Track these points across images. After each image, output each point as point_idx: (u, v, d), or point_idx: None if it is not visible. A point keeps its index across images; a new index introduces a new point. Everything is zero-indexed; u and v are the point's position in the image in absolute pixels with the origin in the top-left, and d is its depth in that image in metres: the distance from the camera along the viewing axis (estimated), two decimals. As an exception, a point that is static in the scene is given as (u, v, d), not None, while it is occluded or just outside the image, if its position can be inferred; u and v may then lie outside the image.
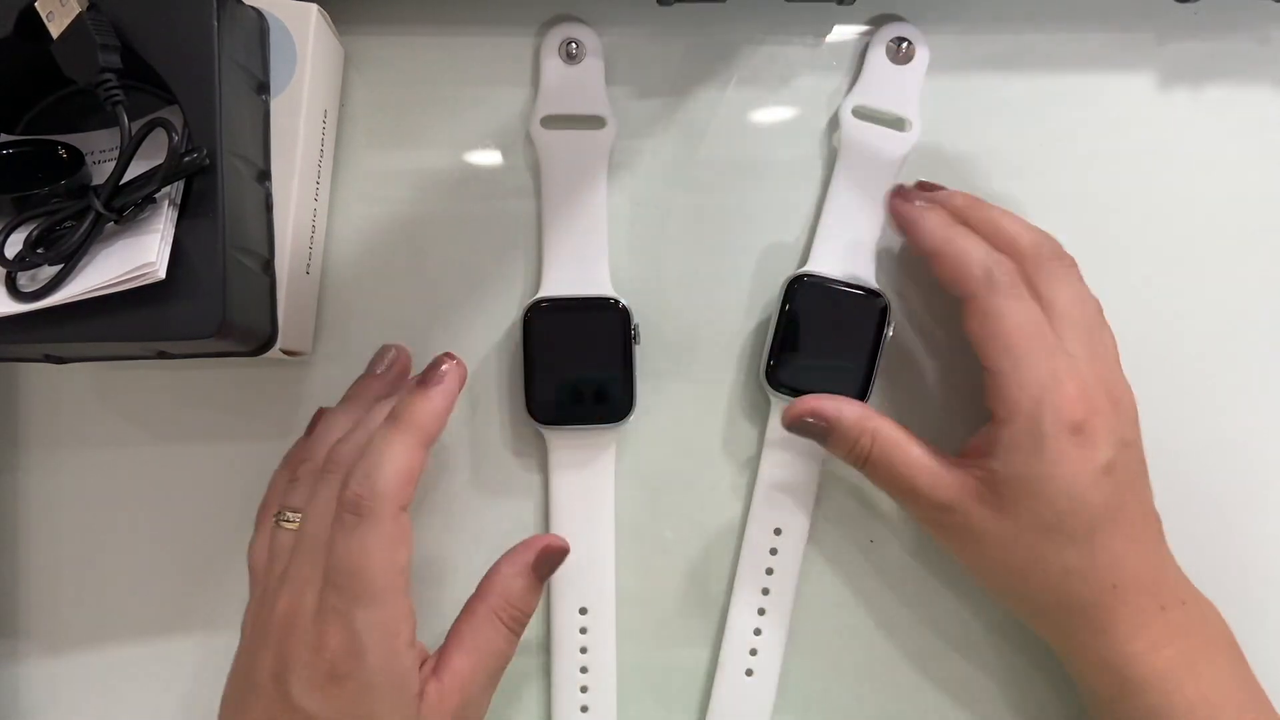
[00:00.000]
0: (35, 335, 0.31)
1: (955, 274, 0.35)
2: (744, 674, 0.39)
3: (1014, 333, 0.33)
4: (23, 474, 0.40)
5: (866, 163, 0.39)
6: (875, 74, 0.40)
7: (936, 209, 0.36)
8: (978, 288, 0.34)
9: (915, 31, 0.40)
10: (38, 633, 0.40)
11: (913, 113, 0.40)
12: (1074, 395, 0.33)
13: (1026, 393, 0.33)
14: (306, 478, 0.35)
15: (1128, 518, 0.34)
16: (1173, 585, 0.35)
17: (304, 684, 0.31)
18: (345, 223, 0.40)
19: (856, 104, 0.40)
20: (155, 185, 0.31)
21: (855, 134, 0.40)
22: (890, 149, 0.39)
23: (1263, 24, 0.42)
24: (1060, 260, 0.35)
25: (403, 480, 0.32)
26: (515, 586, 0.34)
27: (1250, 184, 0.41)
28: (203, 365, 0.39)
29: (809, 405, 0.36)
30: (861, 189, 0.39)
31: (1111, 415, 0.33)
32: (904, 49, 0.40)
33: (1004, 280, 0.34)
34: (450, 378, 0.34)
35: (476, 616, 0.34)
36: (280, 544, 0.34)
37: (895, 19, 0.40)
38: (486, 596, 0.34)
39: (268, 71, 0.36)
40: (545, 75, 0.40)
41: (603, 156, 0.40)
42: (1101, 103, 0.41)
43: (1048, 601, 0.35)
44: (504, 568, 0.35)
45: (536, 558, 0.35)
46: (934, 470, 0.35)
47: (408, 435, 0.32)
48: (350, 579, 0.31)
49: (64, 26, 0.31)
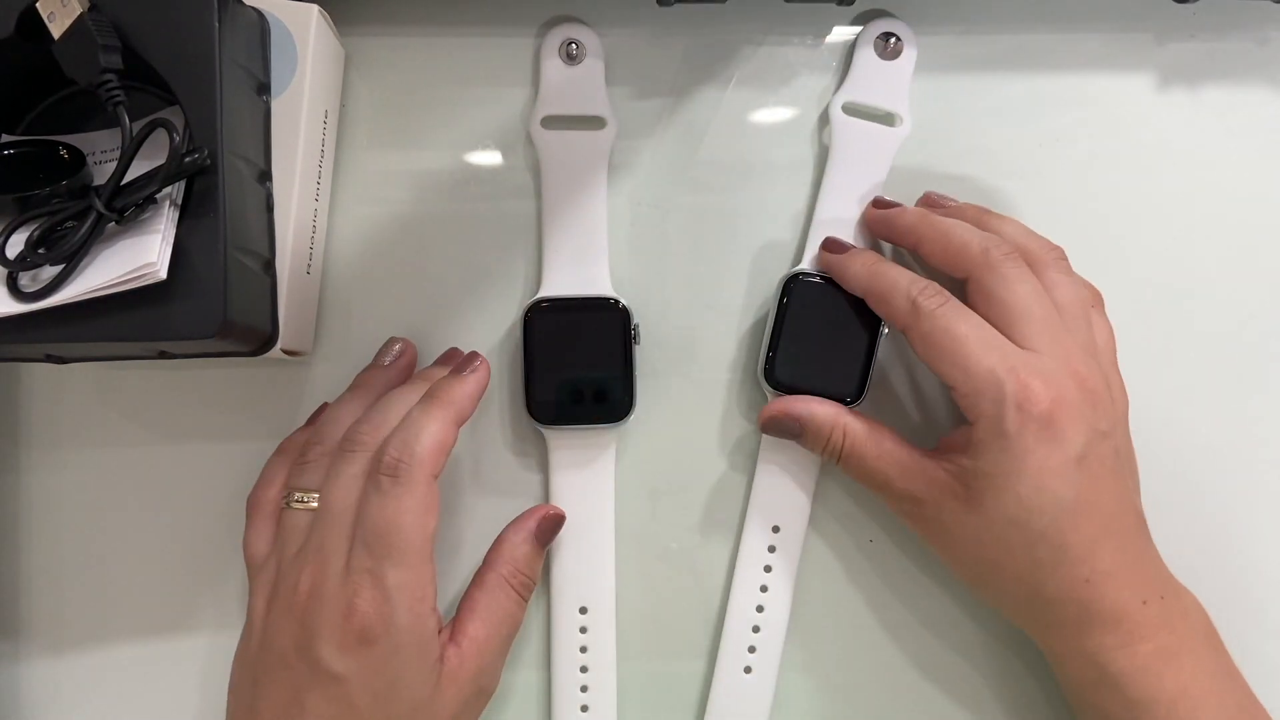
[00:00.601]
0: (36, 335, 0.31)
1: (885, 310, 0.36)
2: (743, 671, 0.39)
3: (951, 346, 0.34)
4: (24, 474, 0.40)
5: (857, 159, 0.40)
6: (864, 70, 0.40)
7: (858, 254, 0.37)
8: (907, 318, 0.35)
9: (903, 26, 0.40)
10: (38, 633, 0.40)
11: (903, 108, 0.40)
12: (1036, 389, 0.33)
13: (983, 396, 0.33)
14: (319, 460, 0.35)
15: (1101, 510, 0.33)
16: (1152, 578, 0.35)
17: (333, 647, 0.32)
18: (346, 223, 0.40)
19: (846, 100, 0.40)
20: (156, 186, 0.31)
21: (845, 130, 0.40)
22: (881, 144, 0.40)
23: (1262, 24, 0.42)
24: (1013, 259, 0.35)
25: (438, 449, 0.33)
26: (521, 553, 0.36)
27: (1248, 184, 0.41)
28: (203, 365, 0.40)
29: (781, 406, 0.37)
30: (853, 185, 0.39)
31: (1083, 406, 0.33)
32: (892, 44, 0.40)
33: (929, 304, 0.34)
34: (483, 370, 0.36)
35: (488, 584, 0.36)
36: (293, 525, 0.34)
37: (884, 14, 0.40)
38: (495, 565, 0.36)
39: (268, 72, 0.36)
40: (545, 76, 0.40)
41: (603, 156, 0.40)
42: (1100, 103, 0.41)
43: (1021, 594, 0.35)
44: (509, 536, 0.37)
45: (538, 525, 0.37)
46: (905, 464, 0.36)
47: (444, 410, 0.34)
48: (383, 540, 0.32)
49: (65, 27, 0.31)
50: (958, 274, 0.36)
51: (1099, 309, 0.38)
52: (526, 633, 0.39)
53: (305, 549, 0.33)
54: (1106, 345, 0.37)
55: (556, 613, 0.39)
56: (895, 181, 0.40)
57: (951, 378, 0.34)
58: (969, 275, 0.35)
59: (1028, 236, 0.37)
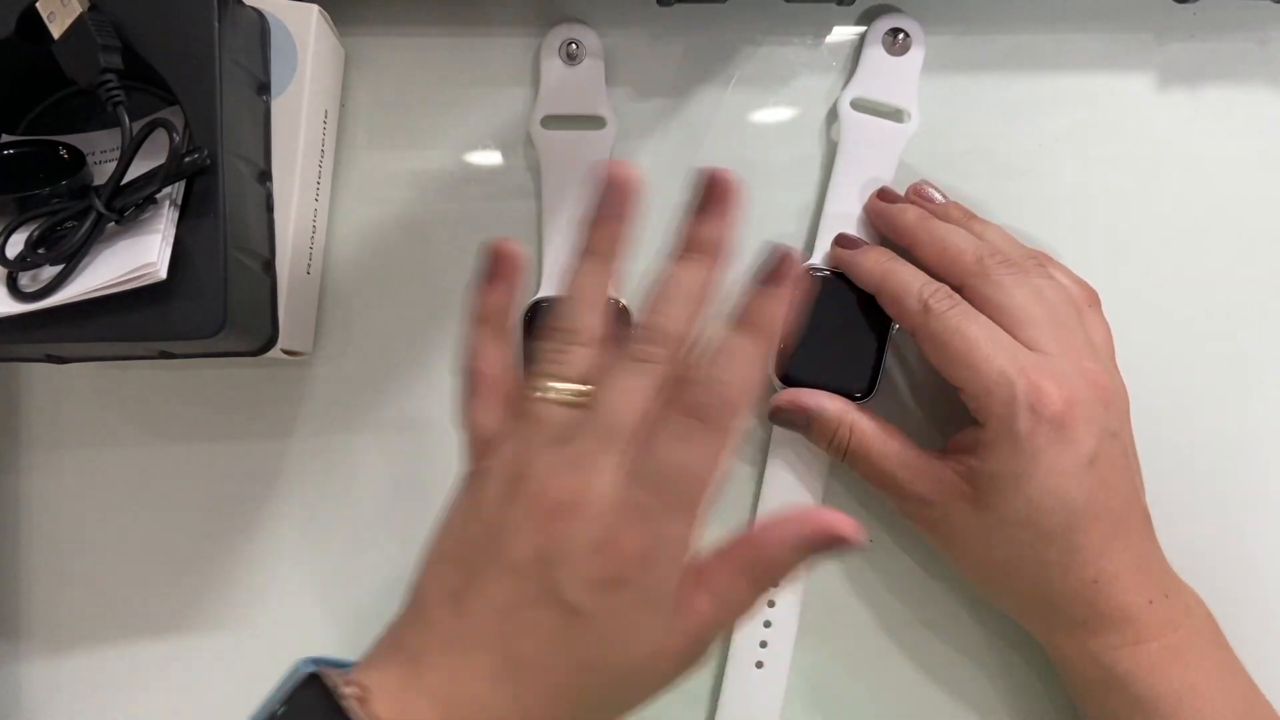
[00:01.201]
0: (36, 335, 0.31)
1: (896, 310, 0.36)
2: (754, 666, 0.39)
3: (962, 347, 0.34)
4: (24, 474, 0.40)
5: (866, 154, 0.40)
6: (873, 65, 0.40)
7: (870, 251, 0.37)
8: (917, 319, 0.35)
9: (911, 22, 0.40)
10: (38, 633, 0.40)
11: (911, 104, 0.40)
12: (1049, 391, 0.33)
13: (994, 397, 0.33)
14: (582, 349, 0.30)
15: (1111, 511, 0.33)
16: (1158, 577, 0.35)
17: (578, 578, 0.28)
18: (346, 223, 0.40)
19: (855, 96, 0.40)
20: (156, 185, 0.31)
21: (854, 126, 0.40)
22: (889, 140, 0.40)
23: (1262, 24, 0.42)
24: (1007, 266, 0.35)
25: (750, 395, 0.29)
26: (784, 559, 0.30)
27: (1249, 184, 0.41)
28: (203, 365, 0.40)
29: (790, 397, 0.37)
30: (863, 180, 0.39)
31: (1094, 406, 0.33)
32: (900, 40, 0.40)
33: (939, 305, 0.34)
34: (801, 282, 0.30)
35: (738, 573, 0.30)
36: (545, 416, 0.29)
37: (892, 10, 0.40)
38: (753, 563, 0.30)
39: (268, 72, 0.36)
40: (545, 76, 0.40)
41: (603, 156, 0.40)
42: (1100, 103, 0.41)
43: (1029, 595, 0.35)
44: (783, 536, 0.30)
45: (821, 539, 0.29)
46: (912, 464, 0.36)
47: (763, 347, 0.29)
48: (671, 485, 0.28)
49: (65, 27, 0.31)
50: (951, 280, 0.36)
51: (1096, 308, 0.38)
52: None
53: (564, 452, 0.29)
54: (1105, 344, 0.37)
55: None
56: (897, 179, 0.40)
57: (961, 379, 0.34)
58: (963, 283, 0.35)
59: (1010, 243, 0.37)
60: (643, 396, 0.29)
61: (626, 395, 0.29)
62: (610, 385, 0.29)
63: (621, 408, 0.29)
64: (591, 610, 0.28)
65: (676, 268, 0.30)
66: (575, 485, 0.28)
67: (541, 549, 0.28)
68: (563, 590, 0.28)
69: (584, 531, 0.28)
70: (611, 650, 0.28)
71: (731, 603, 0.30)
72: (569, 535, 0.28)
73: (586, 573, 0.28)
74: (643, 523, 0.28)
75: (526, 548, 0.28)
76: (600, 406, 0.29)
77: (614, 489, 0.28)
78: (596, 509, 0.28)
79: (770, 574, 0.30)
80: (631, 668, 0.29)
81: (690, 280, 0.30)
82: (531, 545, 0.28)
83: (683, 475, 0.28)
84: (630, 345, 0.30)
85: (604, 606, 0.28)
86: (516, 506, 0.28)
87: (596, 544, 0.28)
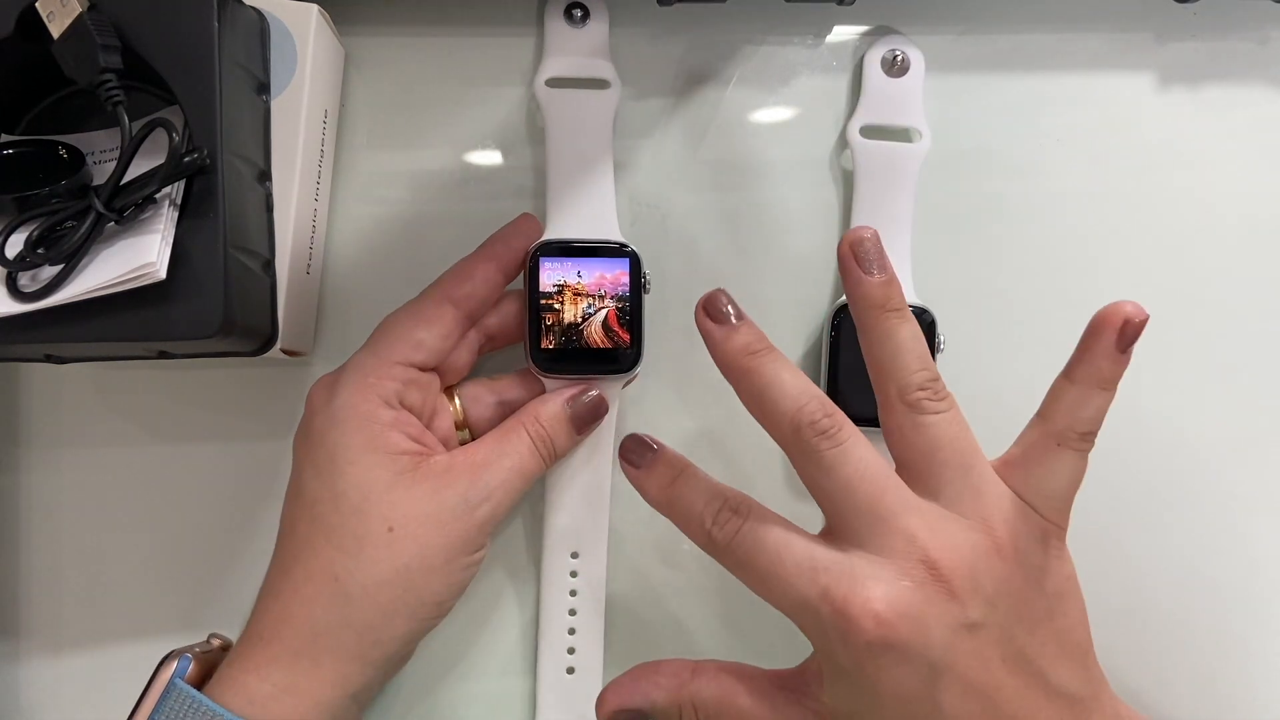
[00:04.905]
0: (36, 335, 0.31)
1: (689, 536, 0.31)
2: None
3: (756, 580, 0.30)
4: (23, 474, 0.40)
5: (883, 180, 0.39)
6: (875, 90, 0.40)
7: (658, 465, 0.32)
8: (708, 549, 0.31)
9: (905, 42, 0.40)
10: (38, 633, 0.40)
11: (920, 122, 0.40)
12: (855, 613, 0.27)
13: (807, 629, 0.29)
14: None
15: (1003, 708, 0.28)
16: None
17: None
18: (346, 223, 0.40)
19: (863, 123, 0.40)
20: (156, 185, 0.31)
21: (867, 154, 0.39)
22: (904, 162, 0.39)
23: (1262, 24, 0.42)
24: (825, 439, 0.29)
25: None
26: (550, 411, 0.35)
27: (1249, 184, 0.41)
28: (203, 365, 0.40)
29: (616, 702, 0.32)
30: (884, 207, 0.39)
31: (932, 604, 0.28)
32: (899, 60, 0.40)
33: (723, 535, 0.30)
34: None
35: (505, 427, 0.35)
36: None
37: (886, 31, 0.40)
38: (519, 415, 0.35)
39: (268, 72, 0.36)
40: (549, 38, 0.39)
41: (609, 112, 0.39)
42: (1100, 103, 0.41)
43: None
44: (544, 396, 0.36)
45: (572, 395, 0.36)
46: (766, 716, 0.31)
47: None
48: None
49: (64, 27, 0.31)
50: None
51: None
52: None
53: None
54: (954, 512, 0.30)
55: (548, 556, 0.38)
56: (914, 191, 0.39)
57: (769, 599, 0.30)
58: (785, 452, 0.30)
59: (788, 413, 0.30)
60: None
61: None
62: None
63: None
64: (299, 445, 0.34)
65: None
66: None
67: None
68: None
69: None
70: (330, 478, 0.32)
71: (509, 451, 0.34)
72: None
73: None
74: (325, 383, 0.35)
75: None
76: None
77: None
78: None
79: (540, 428, 0.35)
80: (365, 495, 0.32)
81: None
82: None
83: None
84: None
85: (302, 441, 0.34)
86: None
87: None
